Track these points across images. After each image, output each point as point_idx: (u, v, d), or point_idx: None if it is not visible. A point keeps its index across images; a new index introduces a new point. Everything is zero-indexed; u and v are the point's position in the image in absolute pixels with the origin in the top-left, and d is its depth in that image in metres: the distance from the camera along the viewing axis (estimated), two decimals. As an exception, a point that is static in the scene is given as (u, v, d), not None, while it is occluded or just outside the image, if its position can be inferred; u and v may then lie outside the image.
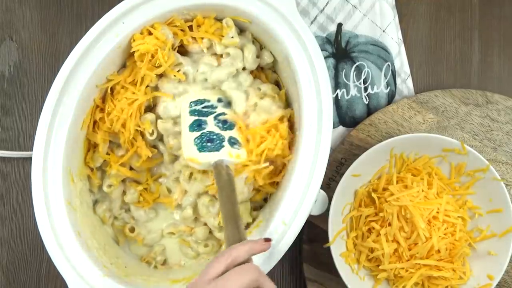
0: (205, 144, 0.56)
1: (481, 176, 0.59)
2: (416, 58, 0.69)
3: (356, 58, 0.68)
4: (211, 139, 0.56)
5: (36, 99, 0.69)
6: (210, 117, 0.58)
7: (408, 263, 0.58)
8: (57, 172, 0.56)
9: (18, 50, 0.70)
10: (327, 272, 0.63)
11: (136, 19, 0.57)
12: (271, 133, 0.57)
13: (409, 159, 0.61)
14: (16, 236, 0.68)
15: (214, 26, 0.59)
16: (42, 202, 0.55)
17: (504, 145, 0.65)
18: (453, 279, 0.58)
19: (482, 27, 0.69)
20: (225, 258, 0.44)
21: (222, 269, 0.44)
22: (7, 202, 0.68)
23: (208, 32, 0.59)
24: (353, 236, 0.61)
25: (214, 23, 0.60)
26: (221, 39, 0.59)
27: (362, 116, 0.67)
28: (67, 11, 0.70)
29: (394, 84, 0.68)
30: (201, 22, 0.60)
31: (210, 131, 0.57)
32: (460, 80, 0.69)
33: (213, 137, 0.56)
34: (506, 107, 0.65)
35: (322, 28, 0.68)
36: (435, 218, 0.58)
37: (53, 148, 0.56)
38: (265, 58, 0.61)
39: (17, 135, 0.69)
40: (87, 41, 0.57)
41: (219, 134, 0.57)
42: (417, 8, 0.69)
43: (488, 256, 0.59)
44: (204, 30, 0.60)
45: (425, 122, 0.65)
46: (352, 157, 0.62)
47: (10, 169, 0.69)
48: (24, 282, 0.67)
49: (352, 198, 0.62)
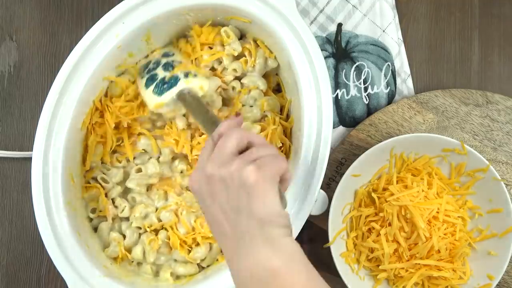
0: (162, 88, 0.57)
1: (481, 176, 0.59)
2: (416, 58, 0.69)
3: (356, 58, 0.68)
4: (166, 82, 0.57)
5: (36, 99, 0.69)
6: (159, 68, 0.59)
7: (408, 263, 0.58)
8: (57, 172, 0.56)
9: (18, 50, 0.70)
10: (327, 272, 0.63)
11: (136, 19, 0.57)
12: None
13: (409, 159, 0.61)
14: (16, 236, 0.68)
15: (213, 32, 0.60)
16: (42, 202, 0.55)
17: (504, 145, 0.65)
18: (453, 279, 0.58)
19: (482, 27, 0.69)
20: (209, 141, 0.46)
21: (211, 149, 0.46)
22: (7, 202, 0.68)
23: (208, 39, 0.60)
24: (353, 236, 0.61)
25: (212, 29, 0.60)
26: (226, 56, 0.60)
27: (362, 116, 0.67)
28: (67, 11, 0.70)
29: (394, 84, 0.68)
30: (199, 32, 0.60)
31: (162, 77, 0.58)
32: (460, 80, 0.69)
33: (167, 80, 0.58)
34: (506, 107, 0.65)
35: (322, 28, 0.68)
36: (435, 218, 0.58)
37: (53, 148, 0.56)
38: (270, 64, 0.61)
39: (17, 135, 0.69)
40: (87, 41, 0.57)
41: (173, 75, 0.58)
42: (417, 8, 0.69)
43: (488, 256, 0.59)
44: (204, 38, 0.60)
45: (425, 122, 0.65)
46: (352, 157, 0.62)
47: (10, 169, 0.69)
48: (24, 282, 0.67)
49: (352, 198, 0.62)
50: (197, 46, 0.60)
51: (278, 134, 0.58)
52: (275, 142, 0.58)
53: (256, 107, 0.60)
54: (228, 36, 0.60)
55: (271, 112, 0.60)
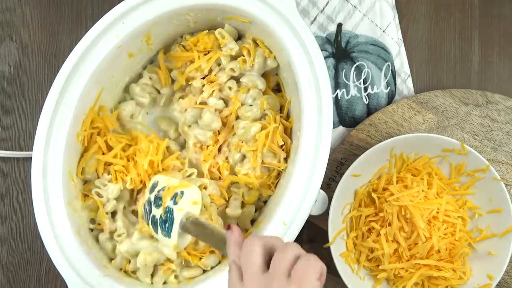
0: (166, 228, 0.54)
1: (481, 176, 0.59)
2: (416, 58, 0.69)
3: (356, 58, 0.68)
4: (165, 220, 0.54)
5: (36, 99, 0.69)
6: (153, 207, 0.56)
7: (408, 263, 0.58)
8: (57, 172, 0.56)
9: (18, 50, 0.70)
10: (327, 272, 0.63)
11: (136, 19, 0.57)
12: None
13: (409, 159, 0.61)
14: (16, 236, 0.68)
15: (209, 38, 0.60)
16: (42, 202, 0.55)
17: (504, 145, 0.65)
18: (453, 279, 0.58)
19: (482, 27, 0.69)
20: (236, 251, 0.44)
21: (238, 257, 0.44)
22: (7, 202, 0.68)
23: (206, 47, 0.60)
24: (353, 236, 0.61)
25: (208, 35, 0.60)
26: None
27: (362, 116, 0.67)
28: (67, 11, 0.70)
29: (394, 84, 0.68)
30: (195, 41, 0.61)
31: (159, 217, 0.55)
32: (460, 80, 0.69)
33: (163, 217, 0.54)
34: (506, 107, 0.65)
35: (322, 28, 0.68)
36: (435, 218, 0.58)
37: (53, 148, 0.56)
38: (269, 63, 0.61)
39: (17, 135, 0.69)
40: (87, 41, 0.57)
41: (165, 209, 0.55)
42: (417, 8, 0.69)
43: (488, 256, 0.59)
44: (202, 47, 0.60)
45: (425, 122, 0.65)
46: (352, 157, 0.62)
47: (10, 169, 0.69)
48: (24, 282, 0.67)
49: (352, 198, 0.62)
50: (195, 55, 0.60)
51: (279, 133, 0.58)
52: (276, 141, 0.58)
53: (256, 106, 0.60)
54: (223, 37, 0.60)
55: (271, 111, 0.60)
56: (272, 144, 0.58)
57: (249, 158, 0.59)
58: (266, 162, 0.58)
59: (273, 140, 0.58)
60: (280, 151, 0.58)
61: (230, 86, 0.60)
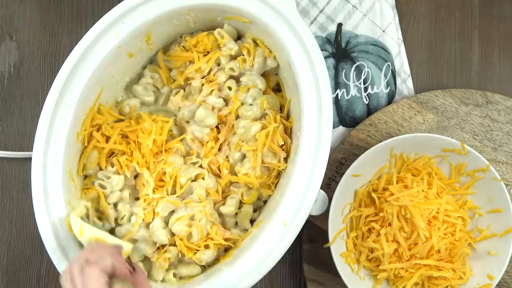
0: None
1: (481, 176, 0.59)
2: (416, 58, 0.69)
3: (356, 58, 0.68)
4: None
5: (36, 99, 0.69)
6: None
7: (408, 263, 0.58)
8: (57, 172, 0.56)
9: (18, 50, 0.70)
10: (327, 272, 0.63)
11: (136, 19, 0.57)
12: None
13: (409, 159, 0.61)
14: (16, 236, 0.68)
15: (209, 38, 0.60)
16: (42, 202, 0.55)
17: (504, 145, 0.65)
18: (453, 279, 0.58)
19: (482, 27, 0.69)
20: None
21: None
22: (7, 202, 0.68)
23: (206, 47, 0.60)
24: (353, 236, 0.61)
25: (208, 37, 0.60)
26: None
27: (362, 116, 0.67)
28: (67, 11, 0.70)
29: (394, 84, 0.68)
30: (194, 42, 0.60)
31: None
32: (460, 80, 0.69)
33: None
34: (506, 107, 0.65)
35: (322, 28, 0.68)
36: (435, 218, 0.58)
37: (53, 148, 0.56)
38: (269, 63, 0.61)
39: (17, 135, 0.69)
40: (87, 41, 0.57)
41: None
42: (417, 8, 0.69)
43: (488, 256, 0.59)
44: (202, 48, 0.60)
45: (425, 122, 0.65)
46: (352, 157, 0.62)
47: (10, 169, 0.69)
48: (24, 282, 0.67)
49: (352, 198, 0.62)
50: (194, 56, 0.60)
51: (279, 132, 0.58)
52: (276, 140, 0.58)
53: (256, 105, 0.60)
54: (222, 37, 0.60)
55: (271, 110, 0.60)
56: (272, 143, 0.58)
57: (249, 157, 0.59)
58: (266, 161, 0.58)
59: (273, 140, 0.58)
60: (280, 150, 0.58)
61: (229, 86, 0.60)
